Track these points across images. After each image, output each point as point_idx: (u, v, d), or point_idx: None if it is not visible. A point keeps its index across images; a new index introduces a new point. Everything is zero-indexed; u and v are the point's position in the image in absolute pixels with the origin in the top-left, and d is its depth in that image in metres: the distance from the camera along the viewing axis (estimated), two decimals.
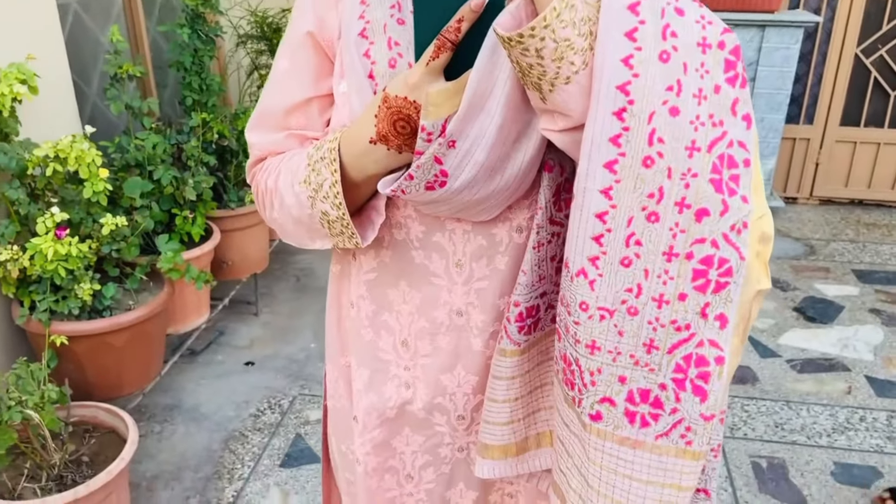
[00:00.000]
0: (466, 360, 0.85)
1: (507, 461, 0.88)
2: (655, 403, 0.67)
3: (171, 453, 2.19)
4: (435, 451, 0.92)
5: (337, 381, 0.97)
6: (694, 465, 0.68)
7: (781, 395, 2.46)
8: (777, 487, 2.06)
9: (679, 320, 0.65)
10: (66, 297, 1.88)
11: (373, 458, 0.91)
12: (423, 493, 0.95)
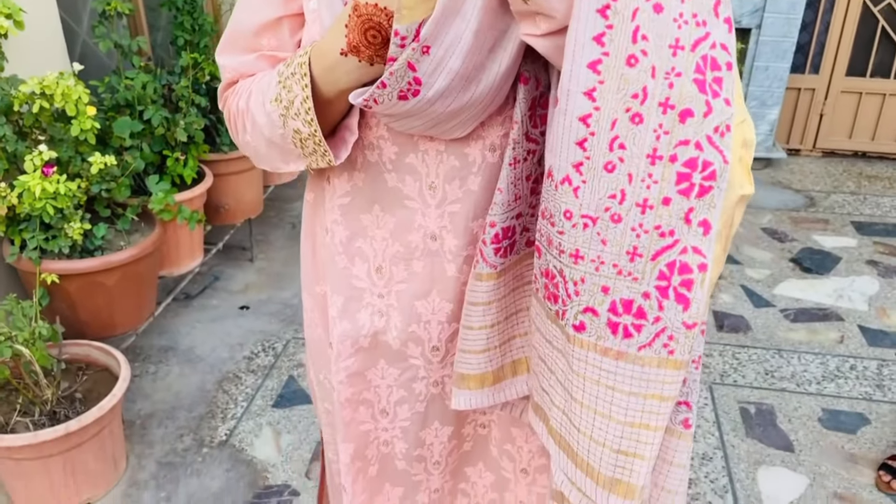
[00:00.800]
0: (441, 287, 0.85)
1: (484, 391, 0.88)
2: (638, 314, 0.67)
3: (166, 393, 2.21)
4: (409, 385, 0.92)
5: (313, 311, 0.97)
6: (676, 374, 0.68)
7: (773, 343, 2.47)
8: (764, 432, 2.08)
9: (663, 226, 0.64)
10: (56, 237, 1.88)
11: (347, 387, 0.91)
12: (399, 430, 0.95)
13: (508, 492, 1.01)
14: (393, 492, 0.99)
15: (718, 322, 2.58)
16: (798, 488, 1.90)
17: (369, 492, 0.98)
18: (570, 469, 0.76)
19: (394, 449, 0.96)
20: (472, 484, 1.03)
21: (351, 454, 0.94)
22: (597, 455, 0.73)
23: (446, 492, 1.03)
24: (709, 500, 1.85)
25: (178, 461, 1.96)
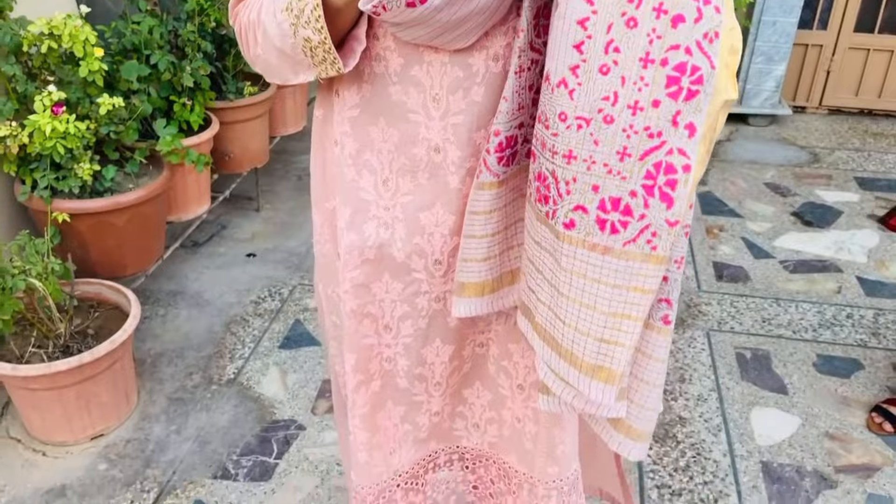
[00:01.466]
0: (444, 199, 0.88)
1: (484, 299, 0.91)
2: (625, 211, 0.71)
3: (175, 334, 2.27)
4: (413, 300, 0.95)
5: (322, 226, 1.01)
6: (657, 269, 0.72)
7: (771, 293, 2.50)
8: (759, 376, 2.13)
9: (652, 127, 0.68)
10: (66, 177, 1.91)
11: (352, 298, 0.95)
12: (401, 346, 0.99)
13: (506, 409, 1.05)
14: (395, 410, 1.03)
15: (718, 272, 2.61)
16: (790, 428, 1.95)
17: (371, 405, 1.02)
18: (554, 360, 0.81)
19: (396, 366, 1.00)
20: (470, 406, 1.07)
21: (353, 365, 0.98)
22: (581, 344, 0.77)
23: (445, 415, 1.07)
24: (703, 438, 1.91)
25: (188, 397, 2.02)
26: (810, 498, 1.75)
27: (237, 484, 1.76)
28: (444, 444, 1.11)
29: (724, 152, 3.54)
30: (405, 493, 1.09)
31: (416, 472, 1.09)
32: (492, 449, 1.09)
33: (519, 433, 1.05)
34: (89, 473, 1.79)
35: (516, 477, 1.08)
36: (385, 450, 1.04)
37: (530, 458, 1.05)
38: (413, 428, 1.06)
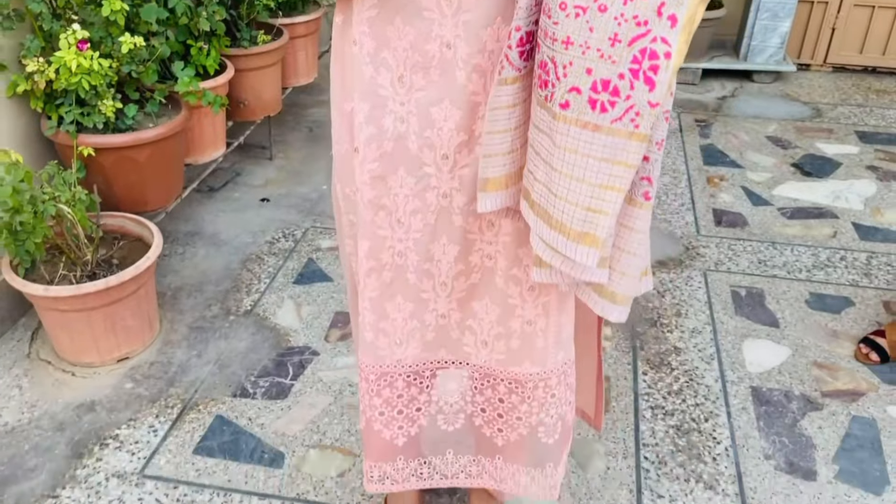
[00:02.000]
0: (452, 94, 0.96)
1: (508, 191, 1.00)
2: (614, 92, 0.80)
3: (194, 270, 2.37)
4: (423, 195, 1.04)
5: (340, 127, 1.09)
6: (640, 146, 0.81)
7: (768, 237, 2.58)
8: (752, 311, 2.22)
9: (639, 16, 0.76)
10: (90, 114, 2.00)
11: (370, 189, 1.04)
12: (412, 241, 1.07)
13: (514, 318, 1.12)
14: (404, 305, 1.12)
15: (717, 218, 2.69)
16: (780, 357, 2.04)
17: (381, 292, 1.11)
18: (546, 232, 0.90)
19: (406, 260, 1.09)
20: (479, 321, 1.15)
21: (366, 251, 1.07)
22: (569, 213, 0.86)
23: (454, 323, 1.15)
24: (696, 366, 2.00)
25: (208, 326, 2.13)
26: (797, 418, 1.85)
27: (255, 401, 1.87)
28: (454, 356, 1.18)
29: (728, 107, 3.60)
30: (407, 385, 1.18)
31: (422, 370, 1.18)
32: (500, 366, 1.16)
33: (531, 336, 1.12)
34: (116, 391, 1.90)
35: (530, 381, 1.15)
36: (391, 338, 1.13)
37: (543, 354, 1.13)
38: (420, 325, 1.14)
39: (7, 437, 1.76)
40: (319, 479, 1.67)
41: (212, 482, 1.66)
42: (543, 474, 1.23)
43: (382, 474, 1.25)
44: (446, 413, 1.22)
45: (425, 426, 1.23)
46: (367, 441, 1.23)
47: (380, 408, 1.18)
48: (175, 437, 1.77)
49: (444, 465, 1.28)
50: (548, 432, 1.19)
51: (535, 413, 1.16)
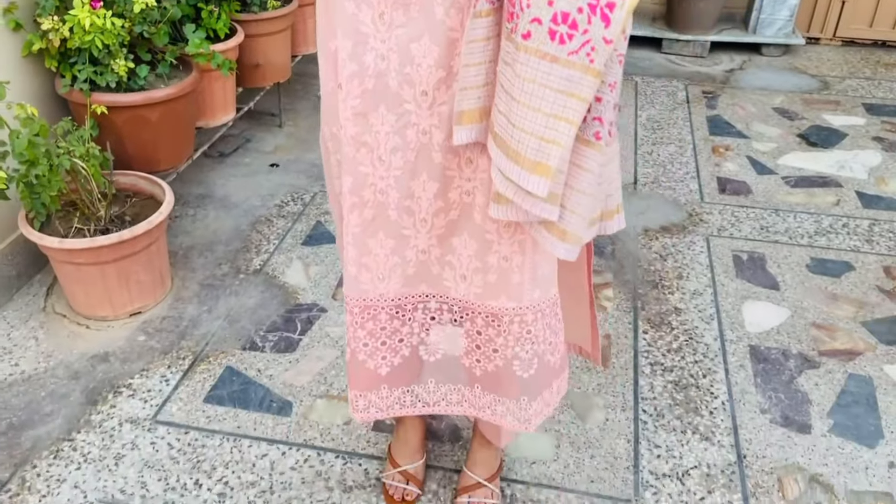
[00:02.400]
0: (431, 31, 0.99)
1: (480, 125, 1.03)
2: (572, 25, 0.84)
3: (205, 231, 2.42)
4: (403, 132, 1.06)
5: (326, 66, 1.12)
6: (593, 81, 0.87)
7: (771, 205, 2.60)
8: (753, 274, 2.25)
9: None
10: (103, 73, 2.04)
11: (352, 125, 1.07)
12: (392, 178, 1.10)
13: (491, 253, 1.15)
14: (385, 242, 1.15)
15: (721, 186, 2.71)
16: (779, 318, 2.07)
17: (363, 229, 1.13)
18: (504, 162, 0.95)
19: (388, 198, 1.11)
20: (458, 256, 1.18)
21: (349, 186, 1.11)
22: (525, 143, 0.92)
23: (433, 258, 1.18)
24: (695, 325, 2.04)
25: (218, 283, 2.18)
26: (793, 376, 1.88)
27: (264, 354, 1.92)
28: (434, 290, 1.22)
29: (736, 80, 3.60)
30: (390, 318, 1.22)
31: (404, 303, 1.22)
32: (477, 299, 1.19)
33: (507, 271, 1.15)
34: (130, 343, 1.95)
35: (506, 315, 1.18)
36: (374, 273, 1.17)
37: (519, 290, 1.16)
38: (401, 261, 1.17)
39: (24, 384, 1.82)
40: (326, 427, 1.72)
41: (222, 428, 1.71)
42: (518, 406, 1.27)
43: (367, 403, 1.30)
44: (428, 344, 1.27)
45: (408, 356, 1.27)
46: (352, 371, 1.27)
47: (364, 339, 1.23)
48: (186, 386, 1.83)
49: (426, 393, 1.33)
50: (523, 366, 1.23)
51: (510, 346, 1.20)
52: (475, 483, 1.50)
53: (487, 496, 1.50)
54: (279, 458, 1.64)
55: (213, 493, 1.56)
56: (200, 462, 1.63)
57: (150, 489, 1.57)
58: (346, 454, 1.66)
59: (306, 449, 1.66)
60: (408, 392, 1.31)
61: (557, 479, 1.60)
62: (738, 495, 1.57)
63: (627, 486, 1.59)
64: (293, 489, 1.57)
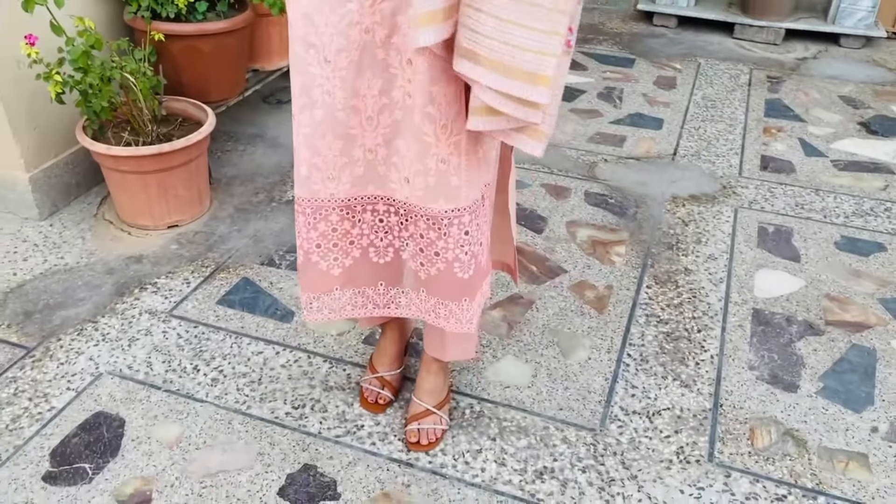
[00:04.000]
0: None
1: (438, 27, 1.10)
2: None
3: (249, 164, 2.59)
4: (347, 32, 1.12)
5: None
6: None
7: (813, 185, 2.53)
8: (776, 246, 2.21)
9: None
10: (164, 4, 2.23)
11: (301, 27, 1.13)
12: (338, 79, 1.15)
13: (430, 156, 1.19)
14: (334, 143, 1.21)
15: (764, 163, 2.66)
16: (792, 287, 2.03)
17: (312, 130, 1.19)
18: (501, 82, 1.02)
19: (335, 99, 1.17)
20: (402, 157, 1.23)
21: (300, 86, 1.17)
22: (524, 58, 0.99)
23: (380, 158, 1.23)
24: (702, 286, 2.03)
25: (251, 209, 2.33)
26: (792, 340, 1.85)
27: (279, 270, 2.06)
28: (381, 192, 1.27)
29: (806, 68, 3.49)
30: (340, 219, 1.29)
31: (353, 204, 1.28)
32: (419, 202, 1.24)
33: (444, 174, 1.20)
34: (162, 250, 2.13)
35: (445, 217, 1.23)
36: (324, 173, 1.23)
37: (456, 192, 1.21)
38: (350, 161, 1.23)
39: (66, 273, 2.02)
40: (320, 336, 1.83)
41: (227, 326, 1.85)
42: (460, 308, 1.33)
43: (321, 304, 1.38)
44: (377, 246, 1.34)
45: (358, 258, 1.34)
46: (306, 273, 1.35)
47: (316, 240, 1.31)
48: (204, 289, 1.98)
49: (376, 296, 1.40)
50: (463, 268, 1.28)
51: (450, 249, 1.26)
52: (424, 410, 1.56)
53: (437, 422, 1.56)
54: (272, 356, 1.76)
55: (207, 377, 1.70)
56: (202, 352, 1.77)
57: (154, 368, 1.72)
58: (333, 360, 1.76)
59: (298, 351, 1.78)
60: (359, 293, 1.39)
61: (527, 403, 1.65)
62: (704, 438, 1.58)
63: (595, 417, 1.62)
64: (279, 382, 1.69)
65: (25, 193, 2.18)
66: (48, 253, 2.10)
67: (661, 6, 3.90)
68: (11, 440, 1.53)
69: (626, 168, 2.61)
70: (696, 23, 3.95)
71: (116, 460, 1.50)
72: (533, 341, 1.83)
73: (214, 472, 1.48)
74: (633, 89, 3.23)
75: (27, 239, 2.16)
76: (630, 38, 3.82)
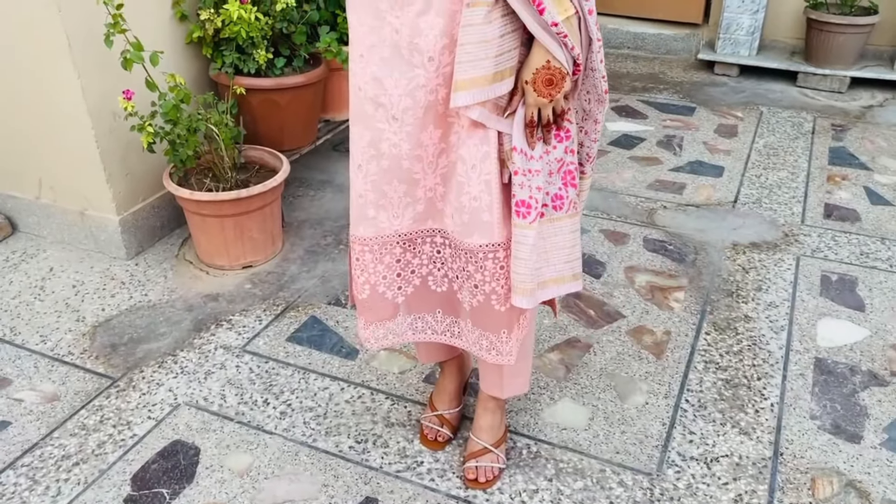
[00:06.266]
0: (436, 5, 1.16)
1: (483, 90, 1.19)
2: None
3: (319, 209, 2.72)
4: (414, 94, 1.23)
5: (352, 42, 1.30)
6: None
7: (879, 233, 2.50)
8: (839, 295, 2.19)
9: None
10: (246, 60, 2.40)
11: (371, 88, 1.24)
12: (405, 133, 1.26)
13: (464, 195, 1.29)
14: (399, 186, 1.32)
15: (827, 212, 2.64)
16: (856, 336, 2.01)
17: (380, 177, 1.30)
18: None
19: (401, 150, 1.28)
20: (451, 191, 1.33)
21: (368, 140, 1.28)
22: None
23: (438, 195, 1.34)
24: (762, 334, 2.03)
25: (320, 251, 2.45)
26: (856, 390, 1.83)
27: (345, 310, 2.15)
28: (439, 225, 1.38)
29: (872, 116, 3.46)
30: (403, 251, 1.39)
31: (414, 237, 1.39)
32: (458, 237, 1.34)
33: (477, 210, 1.29)
34: (237, 289, 2.26)
35: (480, 251, 1.32)
36: (390, 213, 1.34)
37: (489, 228, 1.29)
38: (412, 200, 1.34)
39: (149, 310, 2.17)
40: (383, 373, 1.91)
41: (296, 363, 1.95)
42: (499, 340, 1.40)
43: (386, 331, 1.47)
44: (435, 276, 1.43)
45: (418, 286, 1.44)
46: (373, 305, 1.44)
47: (383, 272, 1.40)
48: (275, 326, 2.09)
49: (434, 322, 1.48)
50: (500, 301, 1.35)
51: (487, 282, 1.33)
52: (482, 448, 1.61)
53: (494, 461, 1.60)
54: (337, 392, 1.85)
55: (276, 411, 1.79)
56: (272, 386, 1.87)
57: (227, 400, 1.83)
58: (396, 397, 1.83)
59: (362, 388, 1.86)
60: (419, 318, 1.48)
61: (584, 446, 1.68)
62: (764, 487, 1.57)
63: (652, 461, 1.64)
64: (343, 417, 1.77)
65: (115, 235, 2.36)
66: (133, 290, 2.26)
67: (723, 55, 3.94)
68: (97, 464, 1.65)
69: (686, 215, 2.63)
70: (759, 71, 3.96)
71: (192, 486, 1.59)
72: (590, 384, 1.86)
73: (281, 501, 1.55)
74: (693, 137, 3.26)
75: (115, 277, 2.32)
76: (690, 87, 3.86)
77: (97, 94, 2.16)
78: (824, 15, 3.62)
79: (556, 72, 1.18)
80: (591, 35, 1.20)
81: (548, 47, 1.16)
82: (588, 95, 1.31)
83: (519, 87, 1.23)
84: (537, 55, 1.18)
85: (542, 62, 1.17)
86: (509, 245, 1.32)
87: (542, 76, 1.18)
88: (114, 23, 1.91)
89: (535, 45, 1.18)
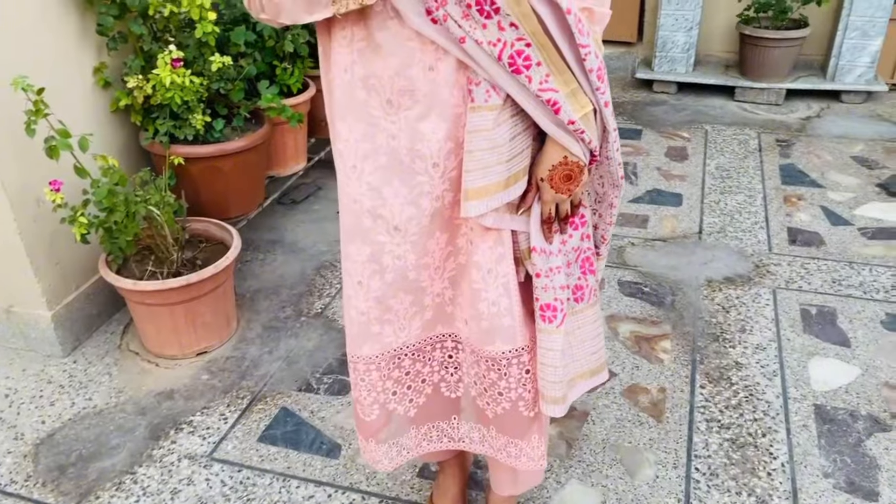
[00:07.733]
0: (438, 109, 1.02)
1: (493, 197, 1.06)
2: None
3: (271, 275, 2.52)
4: (418, 202, 1.09)
5: (340, 154, 1.16)
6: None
7: (845, 257, 2.50)
8: (822, 330, 2.16)
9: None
10: (181, 126, 2.19)
11: (368, 199, 1.10)
12: (409, 244, 1.13)
13: (481, 301, 1.17)
14: (406, 298, 1.18)
15: (791, 237, 2.63)
16: (848, 377, 1.98)
17: (383, 292, 1.17)
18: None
19: (406, 262, 1.15)
20: (465, 298, 1.20)
21: (367, 255, 1.14)
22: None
23: (447, 299, 1.21)
24: (757, 381, 1.97)
25: (280, 326, 2.26)
26: (861, 438, 1.78)
27: (318, 396, 1.98)
28: (449, 330, 1.25)
29: (812, 128, 3.50)
30: (413, 361, 1.25)
31: (423, 347, 1.25)
32: (477, 345, 1.21)
33: (496, 316, 1.16)
34: (194, 381, 2.05)
35: (504, 358, 1.19)
36: (396, 325, 1.20)
37: (511, 333, 1.17)
38: (420, 309, 1.20)
39: (95, 418, 1.93)
40: (372, 472, 1.74)
41: (273, 468, 1.76)
42: (530, 445, 1.28)
43: (399, 448, 1.32)
44: (448, 381, 1.29)
45: (430, 394, 1.30)
46: (389, 424, 1.29)
47: (392, 388, 1.26)
48: (243, 425, 1.89)
49: (450, 429, 1.34)
50: (528, 406, 1.24)
51: (513, 388, 1.21)
52: None
53: None
54: (325, 500, 1.67)
55: None
56: (250, 501, 1.68)
57: None
58: (390, 499, 1.67)
59: (351, 492, 1.69)
60: (433, 427, 1.33)
61: None
62: None
63: None
64: None
65: (48, 331, 2.11)
66: (75, 394, 2.02)
67: (661, 73, 3.93)
68: None
69: (655, 251, 2.57)
70: (696, 88, 3.97)
71: None
72: (595, 460, 1.75)
73: None
74: (646, 163, 3.22)
75: (52, 380, 2.07)
76: (633, 107, 3.83)
77: (18, 185, 1.91)
78: (758, 30, 3.65)
79: (574, 166, 1.06)
80: (608, 125, 1.08)
81: (565, 145, 1.03)
82: (602, 180, 1.20)
83: (534, 184, 1.10)
84: (553, 151, 1.05)
85: (558, 158, 1.05)
86: (533, 347, 1.19)
87: (560, 172, 1.06)
88: (35, 109, 1.68)
89: (549, 142, 1.05)
